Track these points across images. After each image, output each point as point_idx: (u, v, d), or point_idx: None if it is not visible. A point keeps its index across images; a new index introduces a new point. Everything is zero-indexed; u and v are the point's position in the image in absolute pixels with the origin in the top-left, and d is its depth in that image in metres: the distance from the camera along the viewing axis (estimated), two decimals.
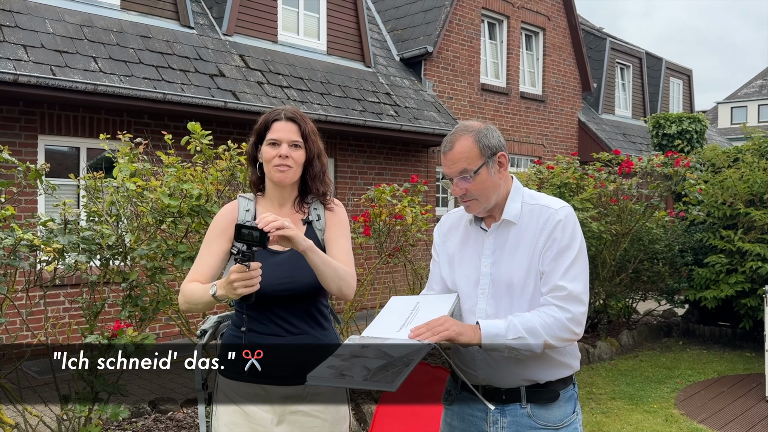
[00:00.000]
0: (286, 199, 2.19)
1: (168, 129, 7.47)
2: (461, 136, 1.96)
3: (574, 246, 1.93)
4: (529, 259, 1.93)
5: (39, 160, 6.76)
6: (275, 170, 2.10)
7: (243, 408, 2.10)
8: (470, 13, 11.97)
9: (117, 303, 3.68)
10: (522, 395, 1.95)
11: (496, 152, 1.96)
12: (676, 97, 19.10)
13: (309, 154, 2.15)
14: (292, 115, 2.15)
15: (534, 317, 1.86)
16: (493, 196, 1.97)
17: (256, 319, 2.10)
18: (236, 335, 2.12)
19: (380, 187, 5.06)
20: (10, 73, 5.97)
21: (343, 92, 9.34)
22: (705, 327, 8.15)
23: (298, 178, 2.16)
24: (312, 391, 2.09)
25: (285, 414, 2.10)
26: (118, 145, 4.02)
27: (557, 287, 1.89)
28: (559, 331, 1.86)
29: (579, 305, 1.89)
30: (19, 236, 3.16)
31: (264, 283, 2.00)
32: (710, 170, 7.83)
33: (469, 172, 1.93)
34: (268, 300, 2.06)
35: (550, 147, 13.76)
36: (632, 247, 7.48)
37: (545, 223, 1.94)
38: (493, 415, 1.97)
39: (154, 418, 4.70)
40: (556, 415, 1.96)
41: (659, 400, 5.54)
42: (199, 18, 8.68)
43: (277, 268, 2.09)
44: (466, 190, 1.95)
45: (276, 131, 2.12)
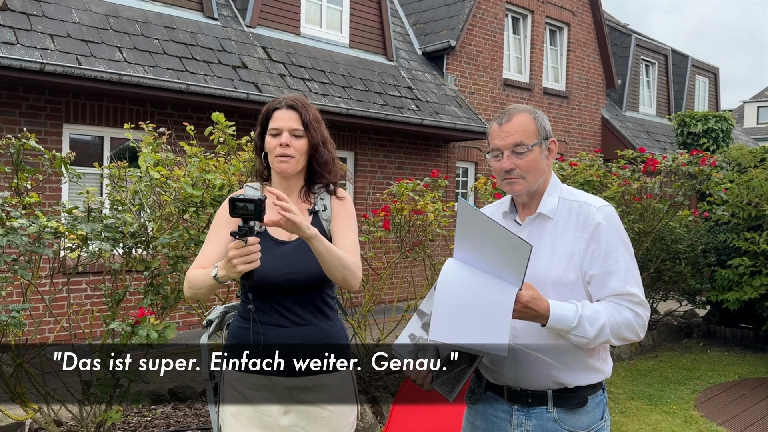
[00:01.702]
0: (291, 188, 2.16)
1: (190, 120, 7.53)
2: (520, 111, 1.92)
3: (628, 247, 1.88)
4: (569, 257, 1.85)
5: (64, 148, 6.84)
6: (277, 161, 2.08)
7: (249, 398, 2.09)
8: (494, 8, 11.88)
9: (139, 291, 3.71)
10: (549, 398, 1.87)
11: (549, 137, 1.93)
12: (702, 96, 18.83)
13: (312, 141, 2.10)
14: (292, 102, 2.11)
15: (605, 315, 1.79)
16: (539, 179, 1.92)
17: (260, 309, 2.09)
18: (242, 326, 2.11)
19: (402, 182, 5.05)
20: (37, 62, 6.04)
21: (364, 86, 9.33)
22: (726, 329, 8.03)
23: (302, 167, 2.13)
24: (318, 382, 2.09)
25: (291, 404, 2.09)
26: (142, 135, 4.05)
27: (628, 293, 1.83)
28: (627, 331, 1.81)
29: (648, 309, 1.87)
30: (43, 223, 3.20)
31: (269, 272, 2.01)
32: (736, 170, 7.70)
33: (526, 146, 1.87)
34: (273, 290, 2.06)
35: (572, 144, 13.64)
36: (654, 247, 7.39)
37: (586, 221, 1.87)
38: (517, 417, 1.91)
39: (173, 405, 4.76)
40: (584, 421, 1.88)
41: (679, 401, 5.48)
42: (223, 9, 8.72)
43: (283, 258, 2.08)
44: (516, 165, 1.88)
45: (276, 120, 2.10)
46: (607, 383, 2.02)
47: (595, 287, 1.85)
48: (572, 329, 1.75)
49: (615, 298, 1.83)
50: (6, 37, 6.10)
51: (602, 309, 1.80)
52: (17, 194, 3.56)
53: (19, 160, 3.57)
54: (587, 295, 1.87)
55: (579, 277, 1.86)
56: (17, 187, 3.58)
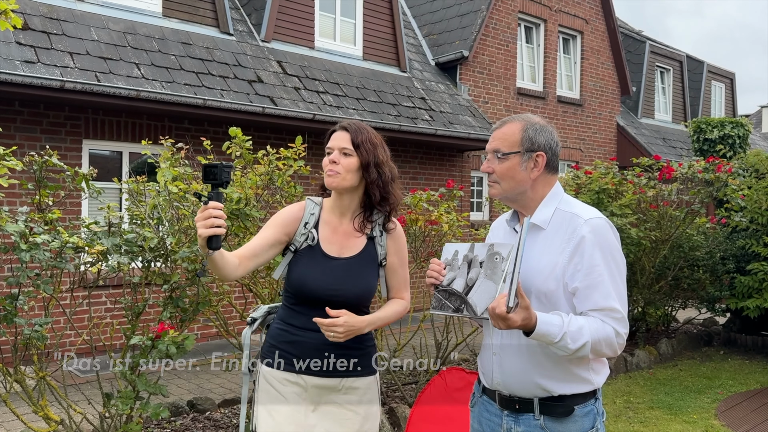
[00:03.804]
0: (345, 208, 2.29)
1: (207, 134, 7.64)
2: (515, 120, 1.99)
3: (615, 260, 1.87)
4: (552, 267, 1.87)
5: (83, 164, 6.95)
6: (326, 175, 2.22)
7: (283, 394, 2.21)
8: (507, 17, 11.92)
9: (158, 304, 3.77)
10: (535, 406, 1.89)
11: (537, 150, 1.94)
12: (718, 101, 18.68)
13: (362, 161, 2.22)
14: (346, 125, 2.26)
15: (588, 333, 1.79)
16: (514, 188, 1.95)
17: (299, 313, 2.22)
18: (281, 328, 2.26)
19: (416, 193, 5.08)
20: (57, 80, 6.16)
21: (378, 97, 9.38)
22: (747, 336, 7.94)
23: (353, 185, 2.23)
24: (348, 384, 2.23)
25: (320, 404, 2.22)
26: (160, 150, 4.12)
27: (611, 308, 1.83)
28: (606, 348, 1.82)
29: (627, 327, 1.87)
30: (65, 239, 3.26)
31: (315, 286, 2.17)
32: (753, 176, 7.64)
33: (500, 152, 1.94)
34: (317, 302, 2.18)
35: (587, 152, 13.59)
36: (672, 254, 7.34)
37: (572, 233, 1.87)
38: (507, 422, 1.94)
39: (192, 417, 4.79)
40: (571, 430, 1.88)
41: (699, 411, 5.43)
42: (238, 25, 8.83)
43: (331, 273, 2.21)
44: (492, 169, 1.96)
45: (331, 140, 2.26)
46: (626, 393, 2.02)
47: (578, 300, 1.85)
48: (554, 343, 1.78)
49: (597, 313, 1.83)
50: (27, 55, 6.24)
51: (587, 325, 1.80)
52: (39, 210, 3.63)
53: (42, 177, 3.65)
54: (571, 306, 1.87)
55: (559, 287, 1.86)
56: (39, 204, 3.66)
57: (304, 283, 2.19)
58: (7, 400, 3.43)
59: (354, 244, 2.27)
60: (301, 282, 2.20)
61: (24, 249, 3.06)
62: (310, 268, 2.20)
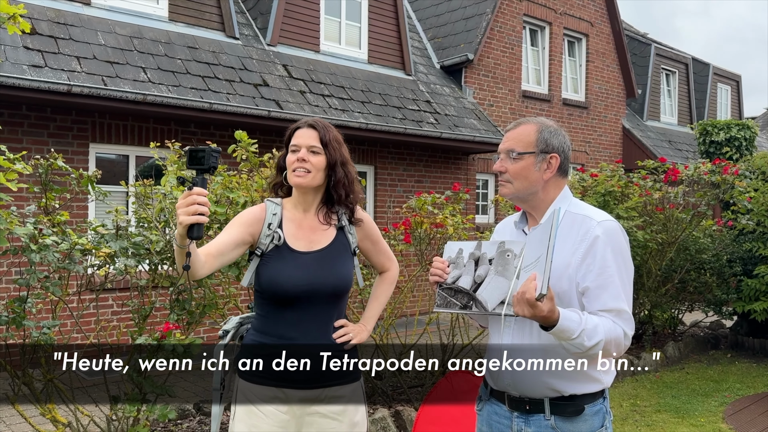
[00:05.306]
0: (309, 204, 2.23)
1: (213, 137, 7.66)
2: (530, 122, 2.01)
3: (626, 262, 1.89)
4: (564, 267, 1.88)
5: (90, 167, 6.98)
6: (293, 174, 2.16)
7: (262, 410, 2.12)
8: (512, 20, 11.92)
9: (165, 306, 3.78)
10: (546, 406, 1.91)
11: (551, 152, 1.97)
12: (724, 104, 18.64)
13: (330, 159, 2.17)
14: (313, 122, 2.20)
15: (603, 332, 1.80)
16: (527, 188, 1.97)
17: (275, 320, 2.14)
18: (256, 339, 2.16)
19: (421, 195, 5.08)
20: (65, 84, 6.19)
21: (383, 100, 9.40)
22: (755, 339, 7.90)
23: (319, 184, 2.19)
24: (330, 393, 2.15)
25: (303, 416, 2.14)
26: (167, 153, 4.14)
27: (619, 309, 1.85)
28: (614, 348, 1.84)
29: (633, 328, 1.89)
30: (74, 241, 3.28)
31: (289, 284, 2.08)
32: (760, 178, 7.62)
33: (514, 152, 1.96)
34: (292, 300, 2.11)
35: (593, 154, 13.57)
36: (678, 257, 7.31)
37: (585, 234, 1.89)
38: (517, 423, 1.95)
39: (198, 420, 4.80)
40: (582, 429, 1.91)
41: (706, 414, 5.40)
42: (244, 29, 8.86)
43: (302, 268, 2.13)
44: (505, 169, 1.98)
45: (297, 138, 2.19)
46: (633, 396, 2.03)
47: (587, 300, 1.87)
48: (572, 339, 1.78)
49: (606, 314, 1.84)
50: (35, 60, 6.27)
51: (601, 324, 1.81)
52: (45, 213, 3.65)
53: (48, 180, 3.67)
54: (580, 305, 1.89)
55: (571, 287, 1.88)
56: (45, 207, 3.68)
57: (277, 283, 2.09)
58: (15, 403, 3.45)
59: (323, 237, 2.21)
60: (273, 282, 2.11)
61: (34, 250, 3.08)
62: (281, 267, 2.10)
